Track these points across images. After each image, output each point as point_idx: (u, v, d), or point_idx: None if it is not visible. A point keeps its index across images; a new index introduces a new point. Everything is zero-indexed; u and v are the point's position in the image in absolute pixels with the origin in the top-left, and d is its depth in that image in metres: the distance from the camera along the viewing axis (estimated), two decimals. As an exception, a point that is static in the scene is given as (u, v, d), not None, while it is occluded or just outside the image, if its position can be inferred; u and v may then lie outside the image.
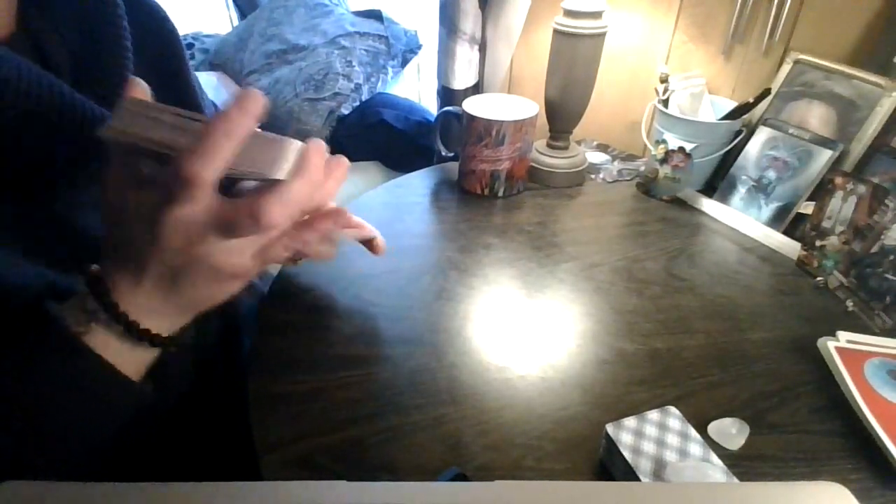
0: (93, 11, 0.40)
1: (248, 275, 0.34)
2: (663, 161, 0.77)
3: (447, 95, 0.97)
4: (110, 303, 0.31)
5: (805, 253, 0.65)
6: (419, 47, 1.51)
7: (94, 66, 0.39)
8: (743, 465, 0.42)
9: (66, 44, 0.38)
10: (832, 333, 0.52)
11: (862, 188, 0.59)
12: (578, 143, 0.91)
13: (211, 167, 0.27)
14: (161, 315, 0.34)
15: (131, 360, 0.34)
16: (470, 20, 0.88)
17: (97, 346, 0.32)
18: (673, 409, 0.42)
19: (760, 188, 0.72)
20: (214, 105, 0.69)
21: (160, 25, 0.49)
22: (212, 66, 1.63)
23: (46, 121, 0.34)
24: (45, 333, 0.31)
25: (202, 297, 0.34)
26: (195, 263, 0.31)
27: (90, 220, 0.38)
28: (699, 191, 0.79)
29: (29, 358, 0.32)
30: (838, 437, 0.45)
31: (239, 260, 0.32)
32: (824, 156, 0.67)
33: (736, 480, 0.37)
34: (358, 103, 1.37)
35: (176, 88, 0.50)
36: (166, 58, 0.49)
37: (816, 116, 0.71)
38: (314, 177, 0.31)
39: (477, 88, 0.98)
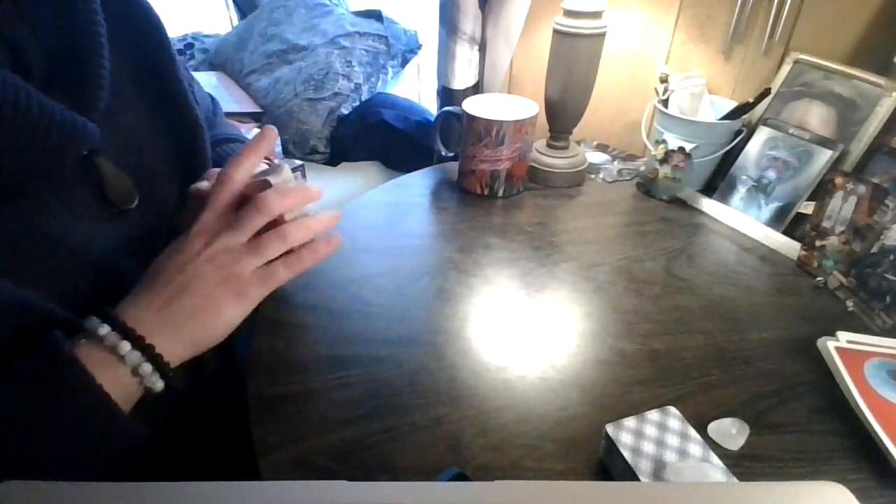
0: (68, 11, 0.39)
1: (248, 296, 0.40)
2: (663, 161, 0.77)
3: (447, 95, 0.97)
4: (118, 321, 0.35)
5: (805, 253, 0.65)
6: (419, 47, 1.51)
7: (67, 68, 0.38)
8: (743, 465, 0.42)
9: (39, 45, 0.37)
10: (832, 333, 0.51)
11: (862, 188, 0.59)
12: (578, 143, 0.91)
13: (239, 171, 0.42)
14: (166, 340, 0.37)
15: (123, 388, 0.36)
16: (470, 20, 0.88)
17: (96, 371, 0.34)
18: (673, 409, 0.42)
19: (760, 188, 0.72)
20: (212, 98, 0.68)
21: (142, 17, 0.48)
22: (212, 66, 1.63)
23: (11, 126, 0.32)
24: (50, 363, 0.33)
25: (200, 322, 0.38)
26: (201, 272, 0.38)
27: (55, 225, 0.37)
28: (699, 191, 0.79)
29: (30, 384, 0.32)
30: (838, 437, 0.45)
31: (241, 268, 0.39)
32: (824, 156, 0.67)
33: (736, 480, 0.37)
34: (358, 103, 1.37)
35: (158, 80, 0.49)
36: (148, 49, 0.48)
37: (816, 116, 0.71)
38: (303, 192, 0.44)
39: (477, 88, 0.98)
